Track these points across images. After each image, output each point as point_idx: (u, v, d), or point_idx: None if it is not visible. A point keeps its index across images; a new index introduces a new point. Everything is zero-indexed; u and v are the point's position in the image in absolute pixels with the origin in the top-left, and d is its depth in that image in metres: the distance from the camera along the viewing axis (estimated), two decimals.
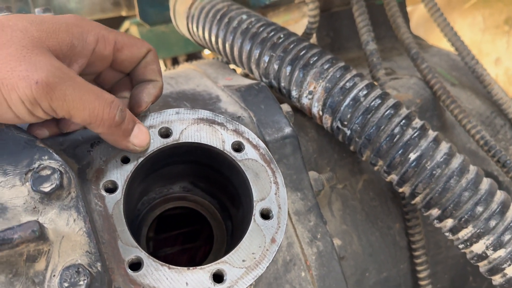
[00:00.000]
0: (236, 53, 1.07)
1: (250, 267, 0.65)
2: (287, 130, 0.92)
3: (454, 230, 0.87)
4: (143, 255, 0.63)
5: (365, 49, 1.13)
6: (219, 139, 0.72)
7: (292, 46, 0.99)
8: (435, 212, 0.88)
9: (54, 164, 0.58)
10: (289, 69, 0.98)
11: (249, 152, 0.73)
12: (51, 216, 0.57)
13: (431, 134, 0.90)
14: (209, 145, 0.72)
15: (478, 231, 0.84)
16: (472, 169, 0.89)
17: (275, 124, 0.93)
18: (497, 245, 0.84)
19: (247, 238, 0.67)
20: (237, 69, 1.20)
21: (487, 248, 0.84)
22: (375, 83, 1.01)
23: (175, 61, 2.99)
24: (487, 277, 0.88)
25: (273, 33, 1.02)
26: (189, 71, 1.16)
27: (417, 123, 0.91)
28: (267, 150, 0.74)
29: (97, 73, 0.72)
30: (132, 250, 0.63)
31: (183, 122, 0.72)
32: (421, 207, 0.91)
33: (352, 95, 0.93)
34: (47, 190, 0.56)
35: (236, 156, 0.72)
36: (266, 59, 1.01)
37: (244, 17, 1.06)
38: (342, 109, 0.93)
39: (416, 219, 1.07)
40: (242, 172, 0.71)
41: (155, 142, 0.70)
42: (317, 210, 0.90)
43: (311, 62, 0.96)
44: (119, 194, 0.65)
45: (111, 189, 0.66)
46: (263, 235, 0.68)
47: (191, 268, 0.64)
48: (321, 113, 0.97)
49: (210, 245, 0.90)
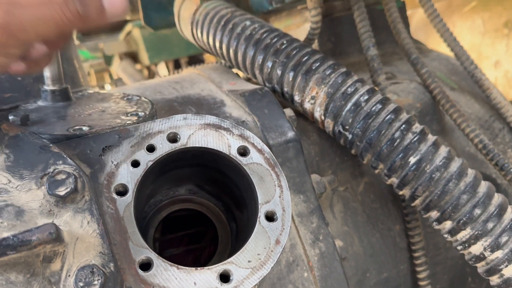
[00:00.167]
0: (240, 58, 1.10)
1: (255, 267, 0.68)
2: (290, 134, 0.95)
3: (452, 232, 0.90)
4: (153, 255, 0.66)
5: (366, 55, 1.15)
6: (225, 143, 0.75)
7: (294, 52, 1.02)
8: (434, 214, 0.91)
9: (68, 168, 0.61)
10: (292, 74, 1.01)
11: (254, 156, 0.75)
12: (66, 218, 0.59)
13: (431, 138, 0.92)
14: (216, 149, 0.74)
15: (476, 233, 0.87)
16: (470, 172, 0.91)
17: (279, 128, 0.96)
18: (495, 247, 0.86)
19: (253, 239, 0.69)
20: (239, 73, 1.22)
21: (484, 249, 0.87)
22: (376, 88, 1.04)
23: (177, 63, 3.02)
24: (485, 277, 0.90)
25: (276, 39, 1.04)
26: (193, 75, 1.19)
27: (417, 127, 0.93)
28: (272, 154, 0.76)
29: None
30: (142, 251, 0.66)
31: (191, 127, 0.74)
32: (420, 209, 0.93)
33: (353, 100, 0.95)
34: (62, 193, 0.59)
35: (241, 160, 0.74)
36: (269, 64, 1.04)
37: (247, 23, 1.09)
38: (343, 113, 0.96)
39: (416, 221, 1.09)
40: (247, 175, 0.74)
41: (163, 147, 0.72)
42: (319, 212, 0.92)
43: (314, 68, 0.99)
44: (130, 197, 0.68)
45: (122, 192, 0.68)
46: (268, 236, 0.70)
47: (199, 268, 0.66)
48: (323, 117, 0.99)
49: (214, 246, 0.92)
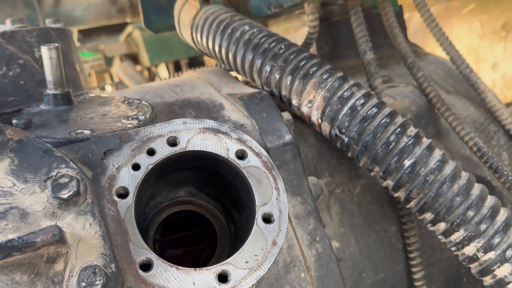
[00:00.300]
0: (239, 62, 1.11)
1: (253, 268, 0.70)
2: (288, 137, 0.97)
3: (446, 233, 0.91)
4: (153, 256, 0.68)
5: (363, 59, 1.17)
6: (224, 147, 0.77)
7: (292, 56, 1.03)
8: (428, 216, 0.93)
9: (71, 172, 0.63)
10: (289, 78, 1.03)
11: (252, 159, 0.77)
12: (69, 220, 0.61)
13: (425, 141, 0.94)
14: (214, 153, 0.76)
15: (469, 234, 0.89)
16: (464, 175, 0.93)
17: (276, 131, 0.97)
18: (487, 248, 0.88)
19: (250, 241, 0.71)
20: (238, 76, 1.24)
21: (478, 250, 0.89)
22: (372, 92, 1.06)
23: (177, 64, 3.04)
24: (478, 278, 0.92)
25: (274, 44, 1.06)
26: (193, 79, 1.21)
27: (411, 131, 0.95)
28: (269, 157, 0.78)
29: None
30: (142, 252, 0.67)
31: (190, 131, 0.76)
32: (415, 211, 0.95)
33: (349, 104, 0.97)
34: (65, 196, 0.61)
35: (239, 163, 0.76)
36: (267, 68, 1.06)
37: (246, 28, 1.11)
38: (340, 117, 0.98)
39: (411, 223, 1.11)
40: (245, 178, 0.76)
41: (163, 150, 0.74)
42: (316, 213, 0.94)
43: (311, 72, 1.01)
44: (131, 199, 0.70)
45: (123, 194, 0.70)
46: (265, 238, 0.72)
47: (198, 269, 0.68)
48: (320, 121, 1.01)
49: (213, 247, 0.94)
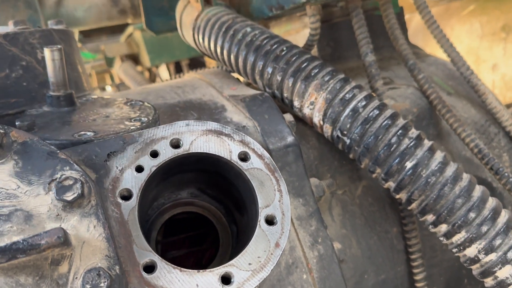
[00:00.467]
0: (241, 64, 1.12)
1: (255, 270, 0.70)
2: (290, 139, 0.97)
3: (448, 235, 0.92)
4: (156, 258, 0.68)
5: (364, 61, 1.18)
6: (227, 149, 0.77)
7: (294, 58, 1.04)
8: (430, 217, 0.93)
9: (75, 174, 0.63)
10: (291, 80, 1.03)
11: (255, 161, 0.77)
12: (73, 222, 0.61)
13: (427, 143, 0.95)
14: (217, 155, 0.76)
15: (470, 236, 0.89)
16: (465, 177, 0.93)
17: (278, 133, 0.98)
18: (489, 250, 0.88)
19: (253, 242, 0.72)
20: (240, 77, 1.25)
21: (479, 252, 0.89)
22: (373, 94, 1.06)
23: (178, 65, 3.04)
24: (479, 279, 0.92)
25: (276, 46, 1.07)
26: (195, 80, 1.21)
27: (413, 133, 0.95)
28: (271, 159, 0.78)
29: None
30: (146, 253, 0.68)
31: (193, 133, 0.77)
32: (417, 212, 0.95)
33: (351, 106, 0.97)
34: (69, 199, 0.61)
35: (242, 165, 0.77)
36: (269, 70, 1.06)
37: (248, 29, 1.11)
38: (342, 119, 0.98)
39: (412, 224, 1.12)
40: (248, 180, 0.76)
41: (166, 152, 0.74)
42: (318, 215, 0.94)
43: (313, 74, 1.01)
44: (134, 201, 0.70)
45: (127, 196, 0.70)
46: (267, 240, 0.72)
47: (201, 270, 0.68)
48: (322, 122, 1.02)
49: (215, 248, 0.94)
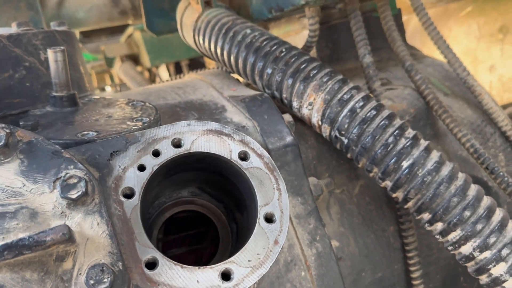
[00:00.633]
0: (240, 65, 1.13)
1: (255, 266, 0.72)
2: (289, 139, 0.99)
3: (443, 233, 0.93)
4: (158, 255, 0.70)
5: (362, 62, 1.19)
6: (227, 149, 0.79)
7: (293, 59, 1.05)
8: (426, 216, 0.95)
9: (79, 173, 0.65)
10: (290, 81, 1.05)
11: (254, 161, 0.79)
12: (77, 220, 0.63)
13: (423, 143, 0.96)
14: (218, 154, 0.78)
15: (465, 234, 0.91)
16: (460, 176, 0.95)
17: (278, 133, 0.99)
18: (483, 247, 0.90)
19: (252, 240, 0.73)
20: (240, 78, 1.26)
21: (474, 250, 0.91)
22: (371, 95, 1.08)
23: (178, 65, 3.06)
24: (474, 277, 0.94)
25: (275, 47, 1.08)
26: (195, 81, 1.23)
27: (409, 133, 0.97)
28: (271, 159, 0.80)
29: None
30: (148, 250, 0.69)
31: (194, 133, 0.78)
32: (413, 211, 0.97)
33: (349, 106, 0.99)
34: (74, 197, 0.63)
35: (242, 164, 0.78)
36: (269, 71, 1.08)
37: (248, 31, 1.13)
38: (340, 119, 1.00)
39: (409, 222, 1.13)
40: (247, 179, 0.78)
41: (168, 151, 0.76)
42: (317, 213, 0.96)
43: (311, 75, 1.03)
44: (136, 199, 0.72)
45: (129, 195, 0.72)
46: (267, 237, 0.74)
47: (202, 267, 0.70)
48: (320, 123, 1.03)
49: (215, 246, 0.96)
